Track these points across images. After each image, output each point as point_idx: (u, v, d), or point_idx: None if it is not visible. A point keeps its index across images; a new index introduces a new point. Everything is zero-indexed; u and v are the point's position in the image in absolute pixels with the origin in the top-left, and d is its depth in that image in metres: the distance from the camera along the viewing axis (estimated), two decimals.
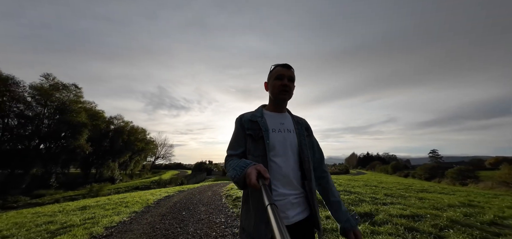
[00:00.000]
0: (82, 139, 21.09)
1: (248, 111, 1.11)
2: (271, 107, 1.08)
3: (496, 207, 3.69)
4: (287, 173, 0.91)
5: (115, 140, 26.95)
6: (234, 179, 0.77)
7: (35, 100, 21.03)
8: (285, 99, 1.04)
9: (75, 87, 22.50)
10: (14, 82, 19.67)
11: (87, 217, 3.79)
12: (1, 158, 19.64)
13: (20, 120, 20.85)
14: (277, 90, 1.00)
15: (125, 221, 3.55)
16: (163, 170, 53.80)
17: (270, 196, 0.53)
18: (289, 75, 1.01)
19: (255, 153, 0.93)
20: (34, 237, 2.84)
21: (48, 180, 22.12)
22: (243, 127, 0.99)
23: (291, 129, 1.02)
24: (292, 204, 0.89)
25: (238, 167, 0.78)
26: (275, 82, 1.01)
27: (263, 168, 0.70)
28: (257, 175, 0.68)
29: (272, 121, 1.01)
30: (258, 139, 0.95)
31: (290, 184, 0.91)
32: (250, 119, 1.01)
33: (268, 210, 0.47)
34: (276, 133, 0.97)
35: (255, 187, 0.65)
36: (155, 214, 3.88)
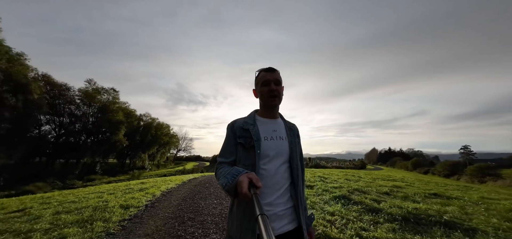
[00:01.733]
0: (120, 134, 25.22)
1: (240, 117, 1.08)
2: (263, 112, 1.06)
3: (418, 189, 5.32)
4: (277, 182, 0.91)
5: (145, 134, 31.22)
6: (225, 187, 0.76)
7: (82, 102, 25.54)
8: (276, 105, 1.02)
9: (113, 90, 26.66)
10: (67, 87, 24.21)
11: (144, 187, 6.35)
12: (59, 150, 24.58)
13: (71, 119, 25.57)
14: (266, 96, 0.99)
15: (175, 188, 6.07)
16: (184, 161, 58.95)
17: (261, 206, 0.54)
18: (274, 78, 0.99)
19: (245, 162, 0.92)
20: (117, 194, 5.41)
21: (94, 168, 26.96)
22: (235, 135, 0.98)
23: (283, 137, 1.01)
24: (278, 216, 0.88)
25: (230, 175, 0.78)
26: (262, 88, 1.00)
27: (255, 177, 0.70)
28: (249, 184, 0.68)
29: (264, 128, 1.00)
30: (249, 148, 0.93)
31: (279, 192, 0.90)
32: (242, 127, 0.99)
33: (259, 220, 0.48)
34: (268, 141, 0.96)
35: (246, 196, 0.65)
36: (191, 185, 6.38)
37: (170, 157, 52.37)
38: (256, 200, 0.58)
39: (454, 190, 5.63)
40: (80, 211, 3.71)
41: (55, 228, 2.91)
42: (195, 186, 6.34)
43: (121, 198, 4.50)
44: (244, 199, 0.66)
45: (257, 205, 0.55)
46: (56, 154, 24.51)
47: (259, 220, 0.48)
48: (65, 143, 25.16)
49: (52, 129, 24.82)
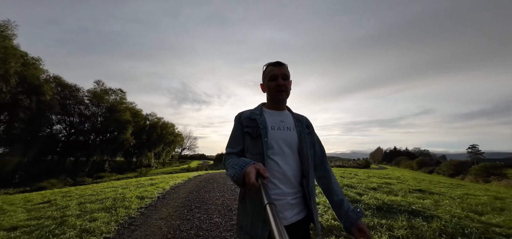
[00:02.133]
0: (128, 133, 26.14)
1: (247, 109, 1.09)
2: (270, 105, 1.08)
3: (408, 185, 5.74)
4: (286, 172, 0.91)
5: (151, 133, 32.18)
6: (233, 177, 0.78)
7: (91, 102, 26.54)
8: (283, 99, 1.03)
9: (120, 91, 27.60)
10: (76, 88, 25.24)
11: (154, 182, 6.96)
12: (69, 148, 25.68)
13: (81, 118, 26.63)
14: (274, 91, 1.00)
15: (182, 183, 6.66)
16: (189, 160, 60.01)
17: (269, 195, 0.55)
18: (282, 73, 1.00)
19: (253, 151, 0.93)
20: (131, 188, 6.02)
21: (103, 165, 28.03)
22: (242, 125, 1.00)
23: (291, 127, 1.01)
24: (290, 205, 0.89)
25: (238, 166, 0.79)
26: (270, 83, 1.01)
27: (262, 167, 0.71)
28: (256, 174, 0.69)
29: (271, 119, 1.01)
30: (256, 137, 0.95)
31: (289, 182, 0.90)
32: (249, 117, 1.01)
33: (266, 209, 0.48)
34: (275, 131, 0.97)
35: (254, 186, 0.66)
36: (196, 181, 6.96)
37: (175, 156, 53.47)
38: (264, 190, 0.59)
39: (442, 187, 6.04)
40: (102, 201, 4.32)
41: (84, 214, 3.50)
42: (200, 182, 6.93)
43: (135, 191, 5.11)
44: (252, 189, 0.68)
45: (265, 195, 0.55)
46: (67, 152, 25.63)
47: (267, 209, 0.48)
48: (75, 142, 26.27)
49: (63, 128, 25.97)
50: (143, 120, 31.41)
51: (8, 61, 15.29)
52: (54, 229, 2.86)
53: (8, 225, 3.31)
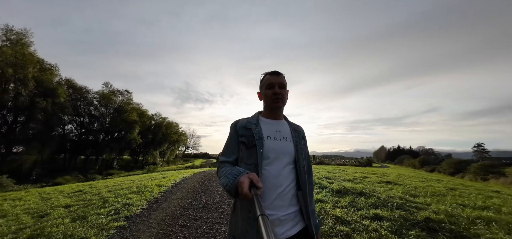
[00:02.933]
0: (135, 133, 27.61)
1: (243, 117, 1.11)
2: (267, 114, 1.08)
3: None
4: (281, 183, 0.90)
5: (156, 133, 33.69)
6: (226, 187, 0.77)
7: (100, 103, 28.06)
8: (279, 107, 1.04)
9: (127, 92, 29.08)
10: (86, 90, 26.78)
11: (165, 176, 8.14)
12: (80, 147, 27.29)
13: (90, 119, 28.22)
14: (270, 99, 1.02)
15: (189, 176, 7.84)
16: (192, 158, 61.65)
17: (261, 207, 0.55)
18: (279, 82, 1.01)
19: (248, 161, 0.93)
20: (147, 180, 7.22)
21: (111, 163, 29.64)
22: (237, 134, 1.00)
23: (288, 137, 1.01)
24: (281, 221, 0.87)
25: (231, 175, 0.78)
26: (267, 91, 1.02)
27: (256, 178, 0.71)
28: (250, 184, 0.68)
29: (267, 129, 1.01)
30: (251, 147, 0.94)
31: (282, 196, 0.89)
32: (245, 126, 1.00)
33: (259, 221, 0.48)
34: (271, 141, 0.96)
35: (247, 196, 0.65)
36: (201, 175, 8.14)
37: (179, 154, 55.13)
38: (257, 201, 0.58)
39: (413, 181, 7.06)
40: (128, 188, 5.51)
41: (120, 196, 4.69)
42: (204, 176, 8.11)
43: (153, 182, 6.31)
44: (245, 199, 0.67)
45: (258, 206, 0.55)
46: (78, 151, 27.26)
47: (259, 221, 0.48)
48: (85, 141, 27.89)
49: (74, 128, 27.62)
50: (149, 120, 32.92)
51: (27, 67, 16.78)
52: (101, 205, 4.03)
53: (62, 204, 4.50)
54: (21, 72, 16.47)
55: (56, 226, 2.89)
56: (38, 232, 2.72)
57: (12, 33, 17.08)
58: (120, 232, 2.73)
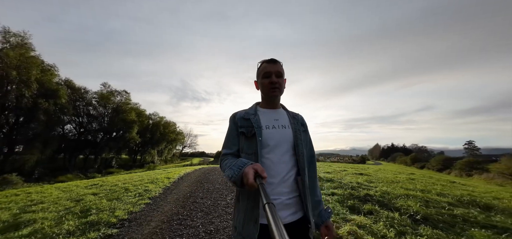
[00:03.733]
0: (133, 132, 28.47)
1: (242, 108, 1.13)
2: (264, 104, 1.10)
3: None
4: (281, 170, 0.93)
5: (154, 132, 34.57)
6: (231, 178, 0.79)
7: (98, 103, 28.78)
8: (276, 96, 1.05)
9: (125, 92, 29.85)
10: (85, 91, 27.49)
11: (170, 172, 9.19)
12: (79, 146, 28.04)
13: (89, 119, 28.94)
14: (267, 88, 1.02)
15: (191, 171, 8.90)
16: (189, 157, 62.55)
17: (267, 195, 0.56)
18: (276, 70, 1.01)
19: (248, 151, 0.95)
20: (154, 175, 8.29)
21: (110, 162, 30.46)
22: (237, 125, 1.02)
23: (286, 125, 1.03)
24: (285, 205, 0.90)
25: (235, 167, 0.80)
26: (264, 80, 1.02)
27: (260, 168, 0.72)
28: (255, 175, 0.70)
29: (265, 118, 1.03)
30: (250, 136, 0.97)
31: (284, 182, 0.92)
32: (243, 117, 1.03)
33: (266, 208, 0.49)
34: (270, 129, 0.99)
35: (253, 186, 0.67)
36: (202, 170, 9.23)
37: (176, 154, 55.98)
38: (263, 190, 0.60)
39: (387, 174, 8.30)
40: (141, 181, 6.58)
41: (137, 186, 5.76)
42: (205, 171, 9.23)
43: (161, 175, 7.40)
44: (250, 189, 0.69)
45: (264, 194, 0.57)
46: (77, 150, 28.01)
47: (266, 209, 0.49)
48: (84, 141, 28.63)
49: (73, 128, 28.32)
50: (146, 119, 33.76)
51: (31, 70, 17.55)
52: (124, 192, 5.09)
53: (88, 193, 5.53)
54: (24, 74, 17.24)
55: (99, 204, 3.97)
56: (88, 207, 3.78)
57: (10, 35, 17.78)
58: (149, 206, 3.83)
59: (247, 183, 0.70)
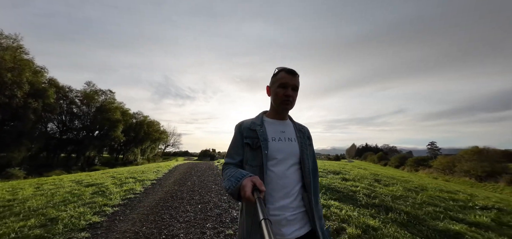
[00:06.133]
0: (118, 131, 30.12)
1: (248, 118, 1.13)
2: (272, 114, 1.10)
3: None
4: (286, 184, 0.92)
5: (138, 131, 36.16)
6: (229, 190, 0.78)
7: (82, 102, 29.92)
8: (287, 109, 1.05)
9: (109, 91, 31.28)
10: (70, 89, 28.61)
11: (161, 165, 12.02)
12: (61, 145, 29.10)
13: (73, 117, 30.01)
14: (280, 100, 1.01)
15: (181, 163, 11.83)
16: (173, 156, 63.82)
17: (264, 211, 0.55)
18: (293, 84, 1.00)
19: (253, 163, 0.95)
20: (143, 169, 11.13)
21: (93, 160, 31.71)
22: (242, 135, 1.02)
23: (292, 138, 1.03)
24: (289, 221, 0.89)
25: (234, 178, 0.79)
26: (278, 89, 1.01)
27: (259, 181, 0.71)
28: (253, 188, 0.69)
29: (272, 129, 1.03)
30: (256, 148, 0.96)
31: (289, 196, 0.91)
32: (249, 127, 1.03)
33: (262, 225, 0.49)
34: (276, 142, 0.99)
35: (250, 200, 0.66)
36: (189, 163, 12.22)
37: (159, 153, 57.09)
38: (260, 205, 0.59)
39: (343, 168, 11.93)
40: (135, 173, 9.45)
41: (139, 176, 8.65)
42: (192, 163, 12.27)
43: (152, 169, 10.30)
44: (247, 202, 0.68)
45: (261, 210, 0.55)
46: (60, 148, 29.02)
47: (262, 225, 0.49)
48: (67, 139, 29.67)
49: (56, 126, 29.22)
50: (131, 118, 35.30)
51: (24, 72, 19.01)
52: (124, 181, 7.96)
53: (90, 183, 8.33)
54: (17, 76, 18.69)
55: (107, 188, 6.88)
56: (104, 188, 6.69)
57: (3, 37, 19.08)
58: (151, 187, 6.86)
59: (244, 196, 0.68)
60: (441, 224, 2.88)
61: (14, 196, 5.06)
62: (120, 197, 4.51)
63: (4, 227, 3.05)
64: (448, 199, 4.66)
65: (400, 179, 7.08)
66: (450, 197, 4.86)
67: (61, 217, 3.30)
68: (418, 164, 32.68)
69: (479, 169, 21.01)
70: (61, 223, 3.05)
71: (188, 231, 2.81)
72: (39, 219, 3.27)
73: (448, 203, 4.31)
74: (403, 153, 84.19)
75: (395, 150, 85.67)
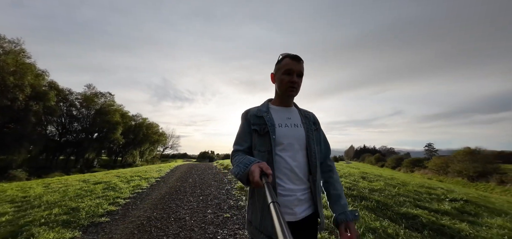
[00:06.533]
0: (118, 133, 30.51)
1: (253, 106, 1.16)
2: (277, 101, 1.12)
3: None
4: (294, 168, 0.96)
5: (137, 133, 36.56)
6: (237, 175, 0.81)
7: (81, 105, 30.30)
8: (292, 96, 1.07)
9: (109, 94, 31.72)
10: (70, 92, 29.02)
11: (163, 165, 12.53)
12: (61, 147, 29.42)
13: (72, 120, 30.37)
14: (285, 86, 1.02)
15: (181, 164, 12.36)
16: (171, 158, 64.09)
17: (273, 194, 0.57)
18: (298, 70, 1.01)
19: (261, 148, 0.99)
20: (145, 169, 11.63)
21: (92, 163, 32.02)
22: (249, 122, 1.06)
23: (298, 124, 1.06)
24: (300, 201, 0.94)
25: (242, 164, 0.82)
26: (283, 76, 1.02)
27: (266, 166, 0.74)
28: (260, 173, 0.71)
29: (278, 116, 1.05)
30: (264, 134, 0.99)
31: (297, 179, 0.96)
32: (256, 114, 1.06)
33: (270, 208, 0.50)
34: (282, 128, 1.01)
35: (258, 185, 0.68)
36: (189, 164, 12.73)
37: (157, 155, 57.39)
38: (268, 188, 0.61)
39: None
40: (138, 172, 9.96)
41: (143, 175, 9.16)
42: (191, 164, 12.79)
43: (154, 169, 10.82)
44: (256, 187, 0.72)
45: (269, 193, 0.57)
46: (59, 151, 29.34)
47: (270, 208, 0.50)
48: (66, 141, 29.99)
49: (55, 129, 29.55)
50: (130, 120, 35.72)
51: (26, 75, 19.45)
52: (130, 178, 8.47)
53: (97, 181, 8.82)
54: (19, 79, 19.12)
55: (116, 184, 7.39)
56: (113, 185, 7.20)
57: (5, 41, 19.53)
58: (156, 184, 7.39)
59: (253, 181, 0.71)
60: (403, 209, 3.45)
61: (26, 194, 5.54)
62: (130, 192, 5.04)
63: (31, 216, 3.57)
64: (424, 193, 5.24)
65: (386, 177, 7.66)
66: (427, 191, 5.44)
67: (81, 206, 3.82)
68: (414, 165, 33.38)
69: (471, 170, 21.70)
70: (83, 211, 3.58)
71: (192, 215, 3.36)
72: (61, 209, 3.79)
73: (422, 195, 4.89)
74: (401, 154, 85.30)
75: (393, 151, 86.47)
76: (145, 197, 4.60)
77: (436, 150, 76.65)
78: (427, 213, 3.43)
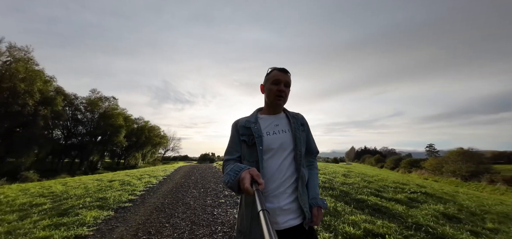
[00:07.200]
0: (121, 136, 31.68)
1: (244, 116, 1.21)
2: (266, 110, 1.18)
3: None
4: (281, 175, 0.99)
5: (139, 136, 37.73)
6: (228, 184, 0.81)
7: (86, 109, 31.51)
8: (280, 105, 1.13)
9: (113, 98, 32.95)
10: (75, 97, 30.25)
11: (166, 167, 13.56)
12: (67, 150, 30.58)
13: (77, 123, 31.56)
14: (273, 95, 1.09)
15: (183, 165, 13.38)
16: (172, 161, 65.21)
17: (262, 202, 0.57)
18: (285, 80, 1.08)
19: (250, 158, 1.03)
20: (151, 170, 12.67)
21: (96, 165, 33.17)
22: (238, 133, 1.10)
23: (286, 129, 1.09)
24: (283, 211, 0.96)
25: (232, 172, 0.82)
26: (272, 86, 1.09)
27: (256, 173, 0.75)
28: (251, 180, 0.72)
29: (266, 124, 1.11)
30: (251, 145, 1.04)
31: (283, 185, 0.99)
32: (244, 126, 1.10)
33: (260, 216, 0.51)
34: (270, 136, 1.06)
35: (248, 192, 0.68)
36: (190, 165, 13.76)
37: (158, 157, 58.51)
38: (258, 196, 0.61)
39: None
40: (146, 172, 11.00)
41: (149, 174, 10.20)
42: (193, 165, 13.83)
43: (160, 169, 11.87)
44: (247, 195, 0.70)
45: (259, 201, 0.57)
46: (64, 153, 30.51)
47: (260, 216, 0.50)
48: (72, 144, 31.17)
49: (61, 132, 30.76)
50: (132, 124, 36.92)
51: (35, 82, 20.66)
52: (139, 177, 9.49)
53: (109, 179, 9.86)
54: (29, 85, 20.33)
55: (129, 181, 8.42)
56: (127, 181, 8.24)
57: (15, 50, 20.76)
58: (163, 181, 8.42)
59: (243, 188, 0.71)
60: (359, 196, 4.45)
61: (51, 190, 6.51)
62: (143, 186, 6.09)
63: (68, 204, 4.60)
64: (393, 186, 6.20)
65: (370, 175, 8.61)
66: (396, 186, 6.39)
67: (107, 197, 4.86)
68: (412, 165, 34.18)
69: (463, 170, 22.54)
70: (110, 199, 4.61)
71: (195, 201, 4.39)
72: (92, 198, 4.82)
73: (388, 188, 5.86)
74: (402, 155, 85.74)
75: (394, 152, 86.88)
76: (156, 190, 5.64)
77: (437, 151, 76.86)
78: (378, 200, 4.41)
